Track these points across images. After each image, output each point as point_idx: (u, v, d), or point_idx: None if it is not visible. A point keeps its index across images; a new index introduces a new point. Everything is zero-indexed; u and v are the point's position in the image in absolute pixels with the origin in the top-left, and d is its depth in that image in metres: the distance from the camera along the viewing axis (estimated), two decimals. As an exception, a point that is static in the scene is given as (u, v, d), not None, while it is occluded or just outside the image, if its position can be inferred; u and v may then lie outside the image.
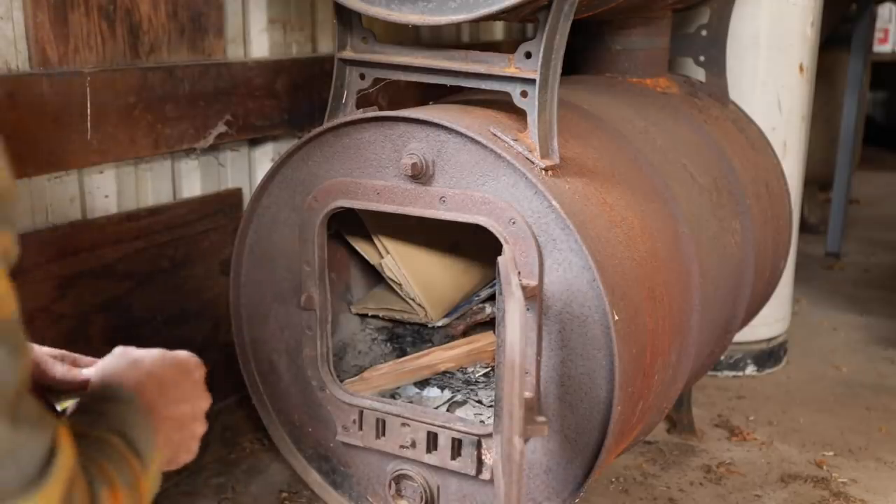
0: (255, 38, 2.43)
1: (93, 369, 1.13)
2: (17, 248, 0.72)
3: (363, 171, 1.86)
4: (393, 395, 2.15)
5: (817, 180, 4.90)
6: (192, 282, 2.32)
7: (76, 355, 1.20)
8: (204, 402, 1.12)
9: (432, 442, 1.89)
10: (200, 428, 1.12)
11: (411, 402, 2.10)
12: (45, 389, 1.16)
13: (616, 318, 1.64)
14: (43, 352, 1.17)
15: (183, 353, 1.13)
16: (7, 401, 0.69)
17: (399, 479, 1.98)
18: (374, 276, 2.26)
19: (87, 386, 1.15)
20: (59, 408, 1.15)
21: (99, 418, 0.95)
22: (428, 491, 1.95)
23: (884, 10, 5.72)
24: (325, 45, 2.65)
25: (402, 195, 1.82)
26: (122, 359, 1.07)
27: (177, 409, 1.07)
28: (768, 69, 2.98)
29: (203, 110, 2.25)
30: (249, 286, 2.08)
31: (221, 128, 2.30)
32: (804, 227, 4.06)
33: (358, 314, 2.28)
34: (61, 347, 1.22)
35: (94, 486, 0.81)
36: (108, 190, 2.11)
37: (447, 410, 2.07)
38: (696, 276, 2.00)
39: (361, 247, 2.19)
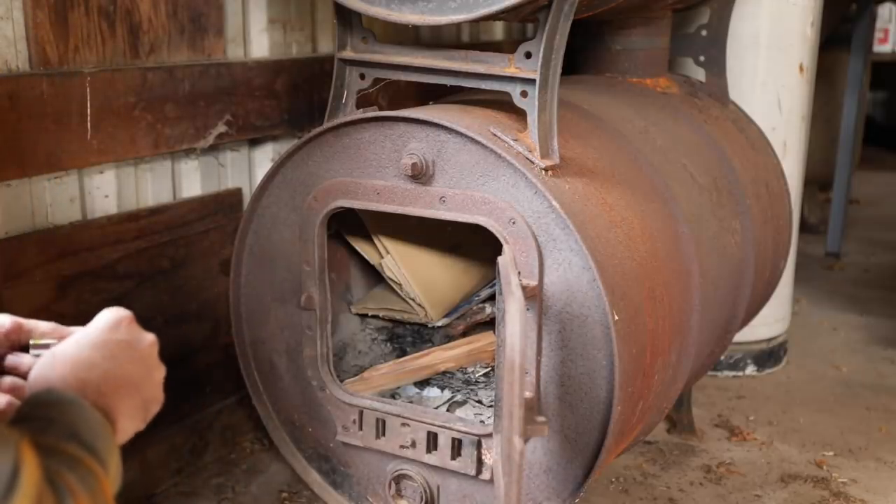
0: (255, 38, 2.43)
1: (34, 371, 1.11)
2: None
3: (363, 171, 1.86)
4: (393, 395, 2.15)
5: (817, 180, 4.90)
6: (192, 282, 2.32)
7: (36, 323, 1.17)
8: (147, 347, 1.08)
9: (432, 442, 1.89)
10: (158, 373, 1.07)
11: (411, 402, 2.10)
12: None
13: (616, 318, 1.64)
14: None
15: (98, 317, 1.06)
16: None
17: (399, 479, 1.98)
18: (374, 276, 2.26)
19: (45, 337, 1.12)
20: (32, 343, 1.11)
21: (48, 425, 0.91)
22: (428, 491, 1.95)
23: (884, 10, 5.72)
24: (325, 45, 2.65)
25: (402, 195, 1.82)
26: (42, 362, 1.01)
27: (124, 373, 1.02)
28: (768, 69, 2.98)
29: (203, 110, 2.25)
30: (249, 286, 2.08)
31: (221, 128, 2.30)
32: (804, 227, 4.06)
33: (358, 314, 2.28)
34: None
35: (61, 497, 0.80)
36: (108, 190, 2.10)
37: (447, 410, 2.07)
38: (696, 276, 1.99)
39: (361, 247, 2.19)
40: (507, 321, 1.39)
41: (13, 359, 1.13)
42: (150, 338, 1.09)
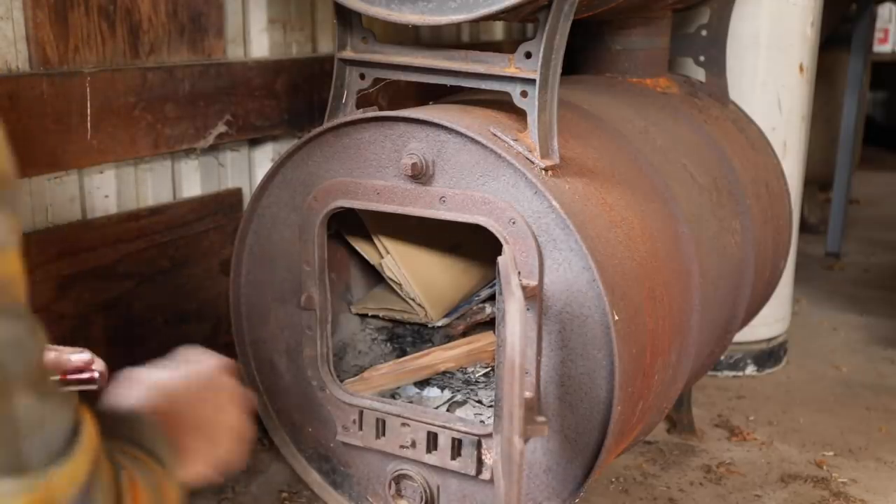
0: (255, 38, 2.43)
1: (85, 353, 1.12)
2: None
3: (363, 171, 1.86)
4: (393, 395, 2.15)
5: (817, 180, 4.90)
6: (192, 282, 2.32)
7: (57, 347, 1.19)
8: (240, 404, 1.08)
9: (432, 442, 1.89)
10: (243, 430, 1.08)
11: (411, 402, 2.10)
12: None
13: (616, 318, 1.64)
14: None
15: (209, 364, 1.08)
16: (31, 375, 0.69)
17: (399, 479, 1.98)
18: (374, 276, 2.26)
19: (79, 370, 1.14)
20: None
21: (112, 432, 0.91)
22: (428, 491, 1.95)
23: (884, 10, 5.72)
24: (325, 45, 2.65)
25: (402, 195, 1.82)
26: (137, 380, 1.03)
27: (209, 420, 1.04)
28: (768, 69, 2.98)
29: (203, 110, 2.25)
30: (249, 286, 2.08)
31: (221, 128, 2.30)
32: (804, 227, 4.06)
33: (358, 314, 2.28)
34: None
35: (117, 472, 0.80)
36: (108, 190, 2.11)
37: (447, 410, 2.07)
38: (696, 276, 1.99)
39: (361, 247, 2.19)
40: (507, 321, 1.39)
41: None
42: (246, 399, 1.10)
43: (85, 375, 1.18)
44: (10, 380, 0.67)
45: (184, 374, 1.06)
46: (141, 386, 1.02)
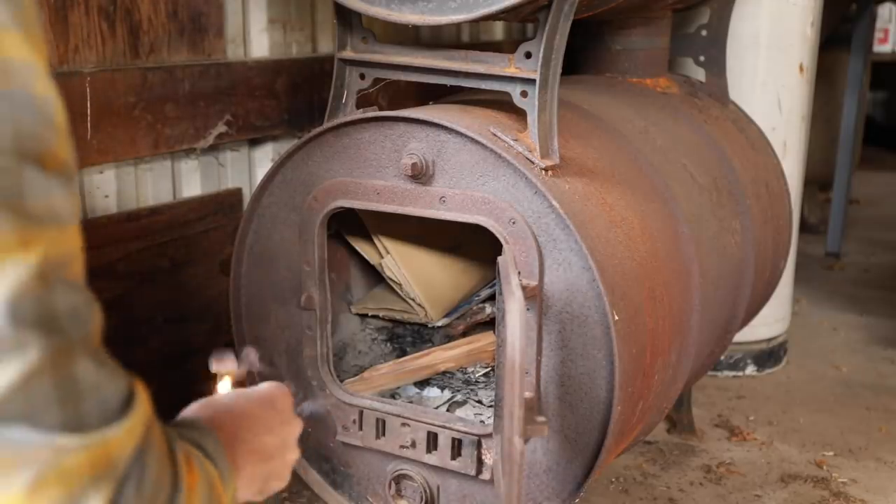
0: (255, 38, 2.43)
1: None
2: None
3: (363, 171, 1.86)
4: (393, 395, 2.15)
5: (817, 180, 4.90)
6: (192, 282, 2.32)
7: None
8: (292, 428, 1.13)
9: (432, 442, 1.89)
10: (291, 455, 1.12)
11: (411, 402, 2.10)
12: None
13: (616, 318, 1.64)
14: None
15: (265, 387, 1.13)
16: (90, 343, 0.74)
17: (399, 479, 1.98)
18: (374, 276, 2.26)
19: None
20: None
21: (182, 435, 0.95)
22: (428, 491, 1.95)
23: (884, 10, 5.72)
24: (325, 45, 2.65)
25: (402, 195, 1.82)
26: (197, 405, 1.07)
27: (260, 441, 1.07)
28: (768, 69, 2.98)
29: (203, 110, 2.25)
30: (249, 286, 2.08)
31: (221, 128, 2.30)
32: (804, 227, 4.06)
33: (358, 314, 2.28)
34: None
35: (173, 442, 0.83)
36: (108, 190, 2.11)
37: (447, 410, 2.07)
38: (696, 276, 2.00)
39: (361, 247, 2.19)
40: (507, 321, 1.39)
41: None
42: (297, 426, 1.15)
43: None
44: (71, 345, 0.71)
45: (243, 393, 1.11)
46: (217, 409, 1.06)
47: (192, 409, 1.06)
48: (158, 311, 2.24)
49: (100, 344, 0.77)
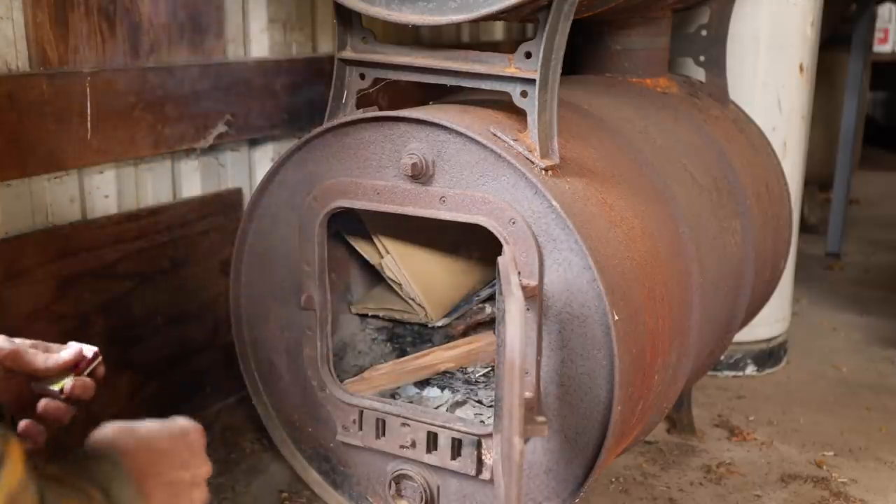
0: (255, 38, 2.43)
1: (73, 345, 1.16)
2: None
3: (363, 171, 1.86)
4: (393, 395, 2.15)
5: (817, 180, 4.90)
6: (192, 282, 2.32)
7: (48, 343, 1.21)
8: (203, 468, 1.12)
9: (432, 442, 1.89)
10: (199, 493, 1.12)
11: (411, 402, 2.10)
12: (30, 378, 1.18)
13: (616, 318, 1.64)
14: (23, 343, 1.19)
15: (181, 421, 1.12)
16: None
17: (399, 479, 1.98)
18: (374, 276, 2.26)
19: (71, 367, 1.18)
20: (56, 388, 1.19)
21: (81, 471, 0.95)
22: (428, 491, 1.95)
23: (884, 10, 5.72)
24: (325, 45, 2.65)
25: (402, 195, 1.82)
26: (114, 428, 1.06)
27: (173, 475, 1.07)
28: (768, 69, 2.98)
29: (203, 110, 2.25)
30: (249, 286, 2.08)
31: (221, 128, 2.30)
32: (804, 227, 4.06)
33: (358, 314, 2.28)
34: (61, 348, 1.23)
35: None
36: (108, 190, 2.11)
37: (447, 410, 2.07)
38: (696, 276, 1.99)
39: (361, 247, 2.19)
40: (507, 321, 1.39)
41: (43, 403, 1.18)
42: (208, 466, 1.14)
43: (91, 361, 1.21)
44: None
45: (161, 426, 1.10)
46: (126, 431, 1.05)
47: (109, 435, 1.05)
48: (158, 311, 2.24)
49: None
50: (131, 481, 0.99)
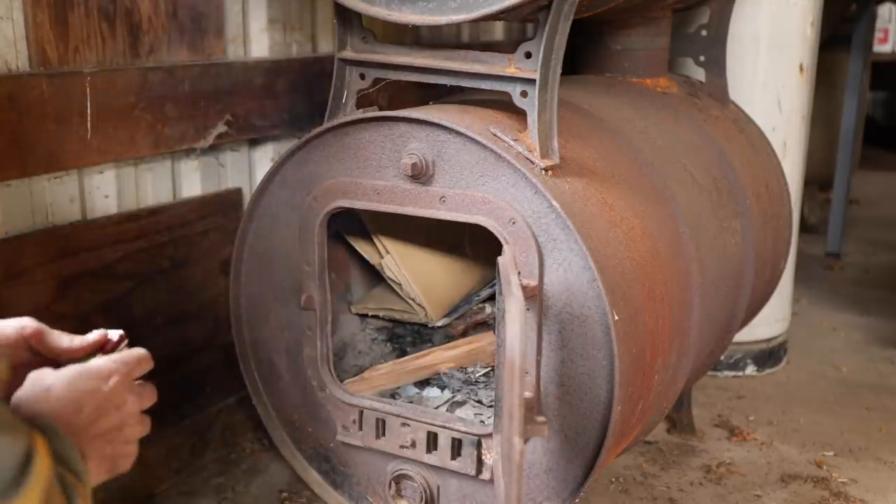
0: (255, 38, 2.43)
1: (97, 331, 1.14)
2: None
3: (363, 171, 1.86)
4: (393, 395, 2.15)
5: (817, 180, 4.90)
6: (192, 282, 2.32)
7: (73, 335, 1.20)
8: (128, 405, 1.09)
9: (432, 442, 1.89)
10: (133, 430, 1.10)
11: (411, 402, 2.10)
12: (53, 360, 1.16)
13: (616, 318, 1.64)
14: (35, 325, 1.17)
15: (95, 363, 1.10)
16: None
17: (399, 479, 1.98)
18: (374, 276, 2.26)
19: (96, 349, 1.16)
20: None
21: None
22: (428, 491, 1.95)
23: (884, 10, 5.71)
24: (325, 45, 2.65)
25: (402, 195, 1.82)
26: (34, 389, 1.03)
27: (100, 424, 1.05)
28: (768, 69, 2.98)
29: (203, 110, 2.25)
30: (249, 286, 2.08)
31: (221, 128, 2.30)
32: (804, 227, 4.06)
33: (358, 314, 2.28)
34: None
35: (70, 494, 0.81)
36: (108, 190, 2.10)
37: (447, 410, 2.07)
38: (696, 276, 1.99)
39: (361, 247, 2.19)
40: (507, 321, 1.39)
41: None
42: (137, 401, 1.11)
43: (117, 344, 1.20)
44: None
45: (71, 376, 1.06)
46: (57, 399, 1.02)
47: (30, 400, 1.01)
48: (158, 311, 2.24)
49: None
50: (70, 441, 0.97)
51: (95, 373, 1.08)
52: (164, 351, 2.29)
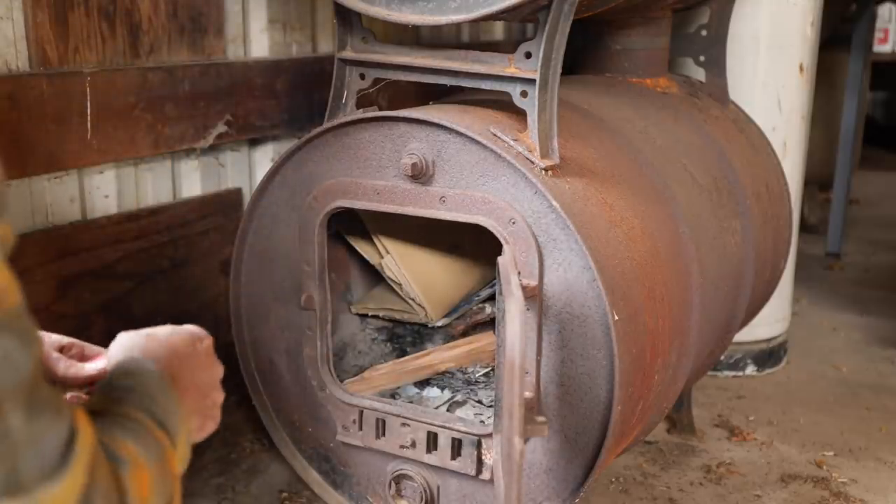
0: (255, 38, 2.43)
1: (101, 361, 1.15)
2: (13, 237, 0.72)
3: (363, 171, 1.86)
4: (393, 395, 2.15)
5: (817, 180, 4.90)
6: (192, 282, 2.32)
7: (84, 344, 1.21)
8: (218, 369, 1.14)
9: (432, 442, 1.89)
10: (220, 396, 1.14)
11: (411, 402, 2.10)
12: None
13: (616, 318, 1.64)
14: (50, 341, 1.18)
15: (190, 326, 1.14)
16: (23, 391, 0.68)
17: (399, 479, 1.98)
18: (374, 276, 2.26)
19: (90, 382, 1.16)
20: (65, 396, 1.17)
21: (124, 394, 0.95)
22: (428, 491, 1.95)
23: (884, 10, 5.72)
24: (325, 45, 2.65)
25: (402, 195, 1.82)
26: (136, 335, 1.08)
27: (197, 378, 1.09)
28: (768, 69, 2.98)
29: (203, 110, 2.25)
30: (249, 286, 2.08)
31: (221, 128, 2.30)
32: (804, 227, 4.06)
33: (358, 314, 2.28)
34: (61, 347, 1.22)
35: (118, 466, 0.81)
36: (108, 190, 2.11)
37: (447, 410, 2.07)
38: (696, 276, 1.99)
39: (361, 247, 2.19)
40: (507, 321, 1.39)
41: (73, 368, 1.17)
42: (222, 368, 1.16)
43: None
44: (1, 398, 0.65)
45: (174, 330, 1.11)
46: (154, 342, 1.07)
47: (137, 343, 1.05)
48: (158, 312, 2.24)
49: (38, 382, 0.70)
50: (171, 389, 1.00)
51: (189, 332, 1.12)
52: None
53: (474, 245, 2.23)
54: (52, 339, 1.18)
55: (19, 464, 0.66)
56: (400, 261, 2.15)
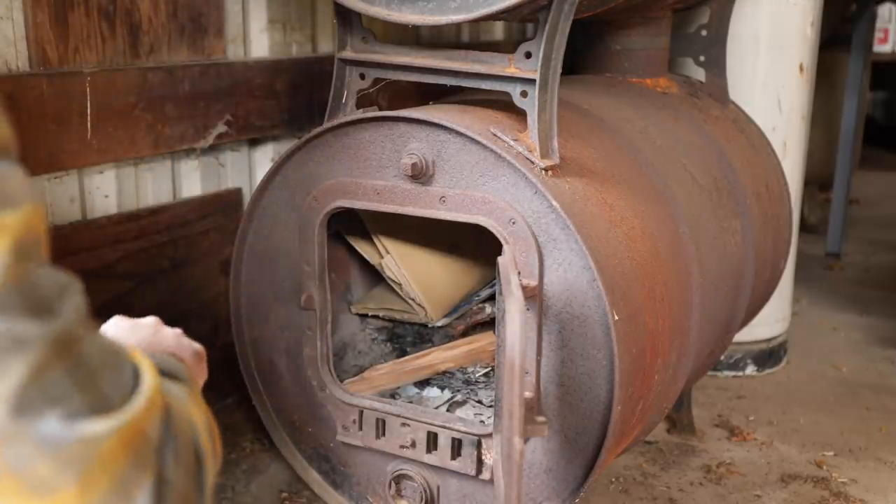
0: (255, 38, 2.43)
1: None
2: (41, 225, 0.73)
3: (363, 171, 1.86)
4: (393, 395, 2.15)
5: (817, 180, 4.90)
6: (192, 282, 2.32)
7: None
8: (173, 332, 1.28)
9: (432, 442, 1.89)
10: (200, 348, 1.27)
11: (411, 402, 2.10)
12: None
13: (616, 318, 1.64)
14: None
15: (116, 318, 1.23)
16: (86, 318, 0.71)
17: (399, 478, 1.98)
18: (374, 276, 2.26)
19: None
20: None
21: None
22: (428, 491, 1.95)
23: (884, 10, 5.71)
24: (325, 45, 2.65)
25: (402, 195, 1.82)
26: (110, 330, 1.16)
27: (169, 343, 1.21)
28: (768, 69, 2.98)
29: (203, 110, 2.25)
30: (249, 286, 2.08)
31: (221, 128, 2.30)
32: (804, 227, 4.06)
33: (358, 314, 2.28)
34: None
35: (182, 395, 0.86)
36: (108, 190, 2.10)
37: (447, 410, 2.07)
38: (696, 276, 1.99)
39: (361, 247, 2.19)
40: (507, 321, 1.39)
41: None
42: (176, 329, 1.28)
43: None
44: (69, 326, 0.68)
45: (130, 322, 1.22)
46: (130, 332, 1.17)
47: (125, 330, 1.16)
48: (158, 312, 2.23)
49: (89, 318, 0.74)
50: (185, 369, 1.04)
51: (151, 318, 1.25)
52: (164, 351, 2.29)
53: (474, 245, 2.23)
54: None
55: (102, 386, 0.69)
56: (400, 261, 2.15)
